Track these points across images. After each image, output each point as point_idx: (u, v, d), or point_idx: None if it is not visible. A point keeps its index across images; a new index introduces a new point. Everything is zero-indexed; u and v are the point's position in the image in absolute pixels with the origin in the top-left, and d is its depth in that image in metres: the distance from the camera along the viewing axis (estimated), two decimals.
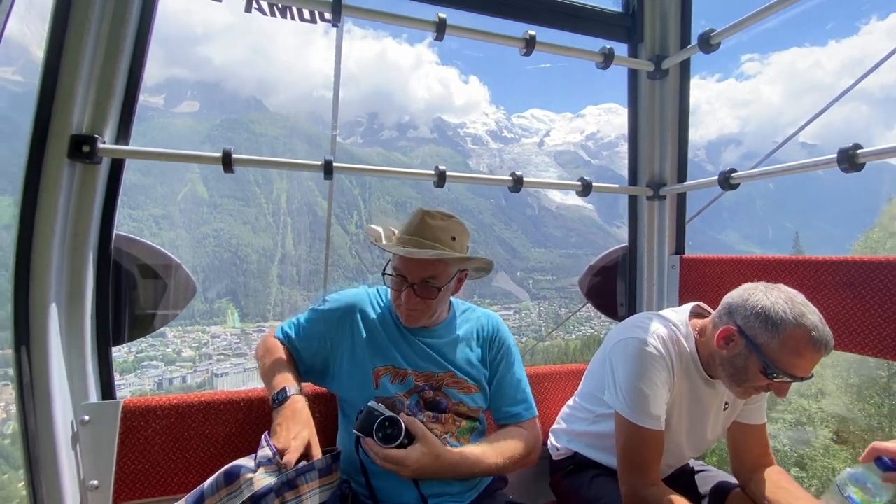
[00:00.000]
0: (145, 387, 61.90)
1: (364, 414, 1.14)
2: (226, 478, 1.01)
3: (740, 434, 1.42)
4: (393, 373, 1.28)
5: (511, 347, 1.44)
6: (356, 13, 1.49)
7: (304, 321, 1.36)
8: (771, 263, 1.56)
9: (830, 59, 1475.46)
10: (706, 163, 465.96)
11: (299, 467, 1.04)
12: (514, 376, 1.41)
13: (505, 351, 1.42)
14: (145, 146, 1.55)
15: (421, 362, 1.31)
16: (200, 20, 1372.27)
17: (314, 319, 1.35)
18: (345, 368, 1.30)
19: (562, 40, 1.71)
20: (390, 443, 1.10)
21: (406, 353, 1.31)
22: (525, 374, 1.45)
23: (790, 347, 1.07)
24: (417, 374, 1.29)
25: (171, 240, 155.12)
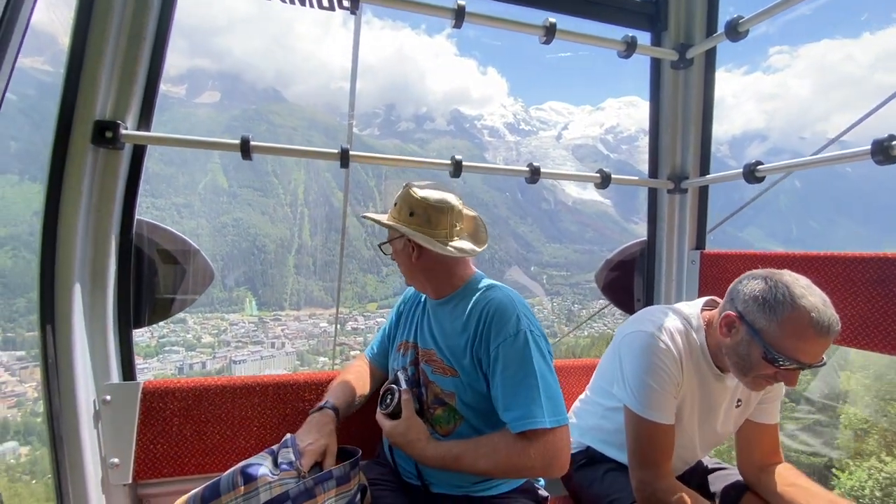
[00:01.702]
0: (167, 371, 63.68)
1: (392, 380, 1.32)
2: (244, 477, 1.01)
3: (752, 432, 1.39)
4: (404, 346, 1.41)
5: (509, 343, 1.15)
6: (375, 0, 1.48)
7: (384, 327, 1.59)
8: (796, 259, 1.51)
9: (864, 52, 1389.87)
10: (729, 158, 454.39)
11: (318, 475, 1.06)
12: (508, 378, 1.14)
13: (501, 346, 1.16)
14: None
15: (422, 336, 1.37)
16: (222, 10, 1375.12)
17: (388, 323, 1.55)
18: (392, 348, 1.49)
19: (583, 29, 1.67)
20: (384, 409, 1.27)
21: (419, 328, 1.39)
22: (535, 377, 1.12)
23: (789, 331, 1.03)
24: (417, 347, 1.37)
25: (192, 228, 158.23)
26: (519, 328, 1.15)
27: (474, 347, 1.20)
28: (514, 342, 1.14)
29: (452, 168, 1.60)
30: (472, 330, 1.21)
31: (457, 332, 1.25)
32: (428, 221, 1.25)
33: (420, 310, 1.43)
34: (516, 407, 1.11)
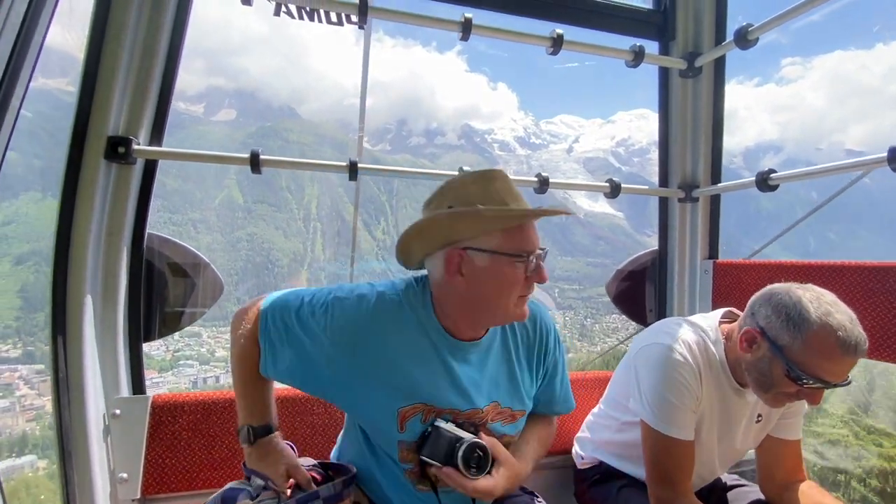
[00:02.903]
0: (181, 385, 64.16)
1: (435, 438, 0.95)
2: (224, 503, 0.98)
3: (773, 448, 1.34)
4: (424, 411, 0.98)
5: (559, 341, 1.17)
6: (382, 14, 1.50)
7: (288, 325, 0.97)
8: (813, 268, 1.46)
9: (878, 62, 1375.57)
10: (743, 169, 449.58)
11: (301, 497, 0.96)
12: (564, 376, 1.20)
13: (556, 349, 1.15)
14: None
15: (459, 397, 1.00)
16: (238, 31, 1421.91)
17: (317, 328, 0.96)
18: (359, 402, 0.99)
19: (590, 39, 1.68)
20: (480, 472, 0.94)
21: (440, 384, 0.99)
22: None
23: (815, 349, 0.99)
24: (457, 412, 1.00)
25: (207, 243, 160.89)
26: (554, 324, 1.18)
27: (537, 369, 1.13)
28: (559, 339, 1.19)
29: None
30: (535, 348, 1.11)
31: (514, 364, 1.08)
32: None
33: (431, 354, 0.99)
34: (567, 396, 1.25)
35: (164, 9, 1.37)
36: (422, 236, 0.94)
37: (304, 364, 0.96)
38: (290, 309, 0.99)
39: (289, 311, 0.98)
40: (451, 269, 0.92)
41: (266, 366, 0.99)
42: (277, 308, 0.99)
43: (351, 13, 1.50)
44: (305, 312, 0.98)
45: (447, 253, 0.92)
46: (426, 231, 0.93)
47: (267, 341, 0.98)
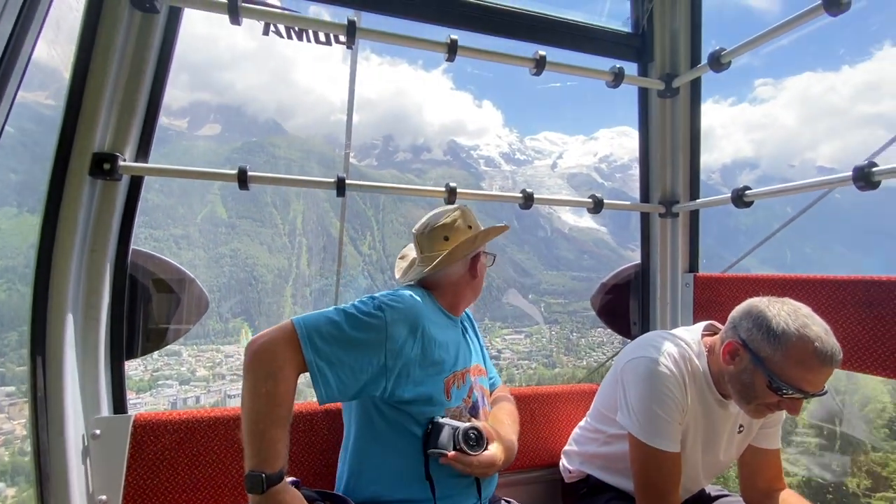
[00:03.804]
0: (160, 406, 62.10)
1: (436, 431, 1.13)
2: None
3: (754, 458, 1.38)
4: (457, 377, 1.24)
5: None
6: (370, 35, 1.54)
7: (343, 333, 1.05)
8: (788, 282, 1.52)
9: (845, 83, 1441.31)
10: (721, 185, 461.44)
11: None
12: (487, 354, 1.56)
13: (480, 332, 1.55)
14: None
15: (466, 358, 1.31)
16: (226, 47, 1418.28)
17: (363, 331, 1.07)
18: (416, 384, 1.13)
19: (571, 60, 1.74)
20: (480, 448, 1.12)
21: (461, 351, 1.30)
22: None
23: (794, 359, 1.03)
24: (468, 369, 1.30)
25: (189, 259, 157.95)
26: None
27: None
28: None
29: (447, 195, 1.62)
30: (478, 330, 1.52)
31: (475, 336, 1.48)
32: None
33: (451, 329, 1.31)
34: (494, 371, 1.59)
35: (152, 27, 1.38)
36: (454, 255, 1.25)
37: (368, 367, 1.06)
38: (336, 322, 1.05)
39: (337, 324, 1.04)
40: (473, 271, 1.34)
41: (327, 388, 1.02)
42: (319, 326, 1.03)
43: (339, 33, 1.54)
44: (356, 319, 1.06)
45: (471, 259, 1.33)
46: (458, 251, 1.26)
47: (321, 361, 1.01)
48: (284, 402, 0.98)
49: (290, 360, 1.00)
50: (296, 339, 1.01)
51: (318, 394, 1.03)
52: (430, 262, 1.27)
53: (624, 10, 1.99)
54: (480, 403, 1.30)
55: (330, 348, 1.02)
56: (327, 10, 1.95)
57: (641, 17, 1.93)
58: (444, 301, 1.32)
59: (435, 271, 1.27)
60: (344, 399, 1.08)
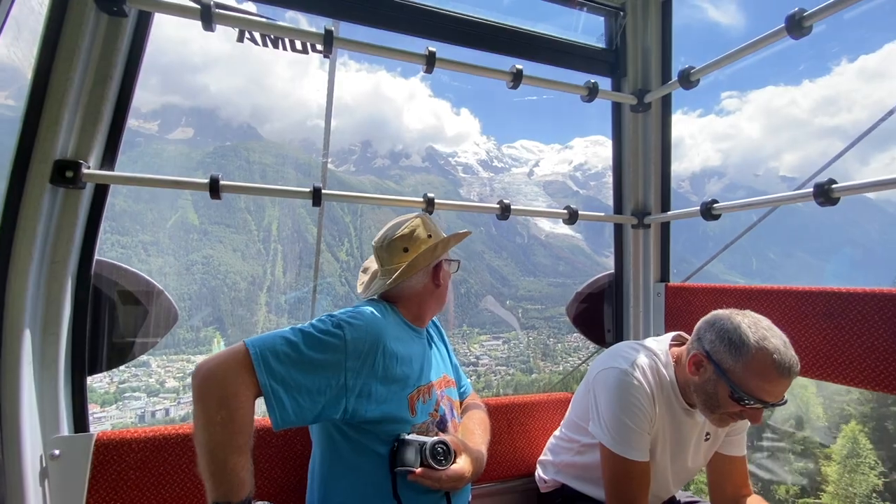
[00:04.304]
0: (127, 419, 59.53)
1: (402, 449, 1.10)
2: None
3: (721, 465, 1.41)
4: (422, 392, 1.19)
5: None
6: (348, 45, 1.53)
7: (300, 353, 1.00)
8: (754, 293, 1.57)
9: (805, 97, 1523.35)
10: (691, 194, 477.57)
11: None
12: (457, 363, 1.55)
13: (448, 340, 1.53)
14: (135, 172, 1.55)
15: (433, 371, 1.28)
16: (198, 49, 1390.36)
17: (321, 351, 1.02)
18: (379, 403, 1.09)
19: (548, 74, 1.77)
20: (447, 462, 1.10)
21: (424, 365, 1.25)
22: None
23: (754, 371, 1.06)
24: (435, 382, 1.27)
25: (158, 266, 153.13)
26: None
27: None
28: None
29: (426, 205, 1.62)
30: (446, 339, 1.51)
31: (443, 346, 1.46)
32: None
33: (416, 342, 1.27)
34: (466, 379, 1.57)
35: (120, 31, 1.34)
36: (414, 267, 1.23)
37: (327, 388, 1.01)
38: (293, 342, 0.99)
39: (293, 345, 0.99)
40: (436, 280, 1.31)
41: (282, 413, 0.96)
42: (274, 347, 0.98)
43: (316, 42, 1.52)
44: (314, 338, 1.01)
45: (433, 269, 1.30)
46: (418, 262, 1.23)
47: (276, 383, 0.95)
48: (243, 429, 0.92)
49: (244, 385, 0.93)
50: (248, 362, 0.94)
51: (273, 419, 0.96)
52: (391, 274, 1.24)
53: (598, 25, 2.05)
54: (449, 416, 1.27)
55: (286, 370, 0.96)
56: (304, 18, 1.94)
57: (615, 33, 1.98)
58: (408, 313, 1.28)
59: (396, 284, 1.24)
60: (301, 424, 1.00)
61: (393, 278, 1.22)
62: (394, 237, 1.28)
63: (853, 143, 1.99)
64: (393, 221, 1.34)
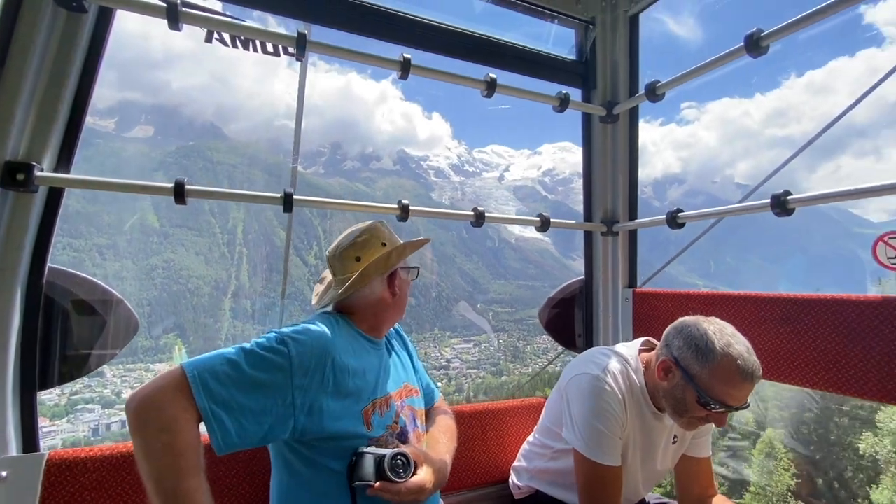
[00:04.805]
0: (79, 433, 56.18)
1: (360, 462, 1.05)
2: None
3: (688, 467, 1.46)
4: (378, 405, 1.16)
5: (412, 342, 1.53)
6: (321, 49, 1.51)
7: (242, 373, 0.95)
8: (716, 298, 1.64)
9: (758, 109, 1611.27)
10: (653, 199, 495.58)
11: None
12: (423, 369, 1.51)
13: (413, 347, 1.50)
14: (91, 172, 1.47)
15: (392, 383, 1.24)
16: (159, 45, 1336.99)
17: (265, 370, 0.98)
18: (332, 419, 1.06)
19: (520, 83, 1.80)
20: (407, 474, 1.05)
21: (380, 377, 1.21)
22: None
23: (719, 377, 1.11)
24: (394, 393, 1.23)
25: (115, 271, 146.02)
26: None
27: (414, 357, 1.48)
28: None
29: (400, 212, 1.61)
30: (410, 346, 1.48)
31: (406, 353, 1.43)
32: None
33: (373, 355, 1.24)
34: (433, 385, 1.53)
35: (80, 27, 1.27)
36: (366, 277, 1.19)
37: (273, 408, 0.96)
38: (234, 362, 0.95)
39: (235, 364, 0.95)
40: (392, 289, 1.27)
41: (225, 436, 0.91)
42: (214, 368, 0.93)
43: (289, 45, 1.50)
44: (257, 357, 0.97)
45: (388, 277, 1.26)
46: (370, 271, 1.19)
47: (217, 406, 0.91)
48: (188, 452, 0.87)
49: (182, 409, 0.88)
50: (186, 385, 0.89)
51: (215, 443, 0.90)
52: (343, 284, 1.20)
53: (568, 37, 2.09)
54: (411, 427, 1.23)
55: (227, 391, 0.92)
56: (273, 19, 1.90)
57: (585, 46, 2.04)
58: (364, 324, 1.24)
59: (348, 294, 1.20)
60: (247, 446, 0.95)
61: (344, 288, 1.18)
62: (346, 246, 1.25)
63: (796, 153, 2.11)
64: (348, 230, 1.31)
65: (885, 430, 12.96)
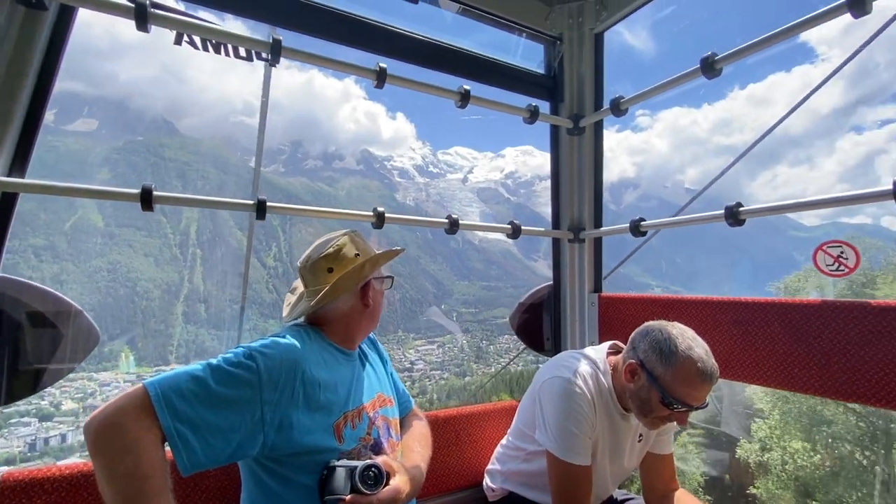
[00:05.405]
0: (13, 449, 51.84)
1: (331, 476, 1.04)
2: None
3: (652, 463, 1.55)
4: (350, 418, 1.15)
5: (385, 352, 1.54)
6: (297, 56, 1.49)
7: (209, 390, 0.93)
8: (676, 302, 1.75)
9: (705, 118, 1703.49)
10: (610, 203, 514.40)
11: None
12: (398, 378, 1.52)
13: (386, 355, 1.51)
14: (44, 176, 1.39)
15: (364, 394, 1.23)
16: (104, 33, 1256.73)
17: (233, 386, 0.95)
18: (302, 434, 1.04)
19: (491, 94, 1.84)
20: (379, 486, 1.04)
21: (352, 389, 1.20)
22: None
23: (681, 378, 1.19)
24: (367, 404, 1.22)
25: (53, 274, 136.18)
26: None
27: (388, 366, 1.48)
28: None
29: (375, 219, 1.62)
30: (384, 355, 1.48)
31: (380, 362, 1.43)
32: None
33: (345, 367, 1.23)
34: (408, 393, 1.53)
35: (39, 25, 1.21)
36: (338, 288, 1.18)
37: (241, 425, 0.94)
38: (200, 379, 0.92)
39: (201, 381, 0.92)
40: (365, 300, 1.25)
41: (191, 456, 0.88)
42: (179, 385, 0.90)
43: (262, 50, 1.47)
44: (224, 373, 0.94)
45: (361, 288, 1.24)
46: (343, 283, 1.18)
47: (182, 425, 0.88)
48: (154, 472, 0.84)
49: (145, 430, 0.85)
50: (149, 404, 0.86)
51: (180, 464, 0.88)
52: (315, 296, 1.18)
53: (537, 51, 2.17)
54: (385, 437, 1.23)
55: (192, 409, 0.89)
56: (241, 22, 1.85)
57: (553, 60, 2.11)
58: (336, 336, 1.23)
59: (320, 306, 1.18)
60: (214, 465, 0.92)
61: (316, 300, 1.16)
62: (318, 257, 1.22)
63: (734, 162, 2.30)
64: (320, 240, 1.28)
65: (756, 438, 13.87)
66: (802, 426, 13.10)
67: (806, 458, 12.42)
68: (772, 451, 13.23)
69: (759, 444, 13.65)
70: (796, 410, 13.12)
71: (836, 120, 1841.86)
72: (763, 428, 13.75)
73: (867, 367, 1.26)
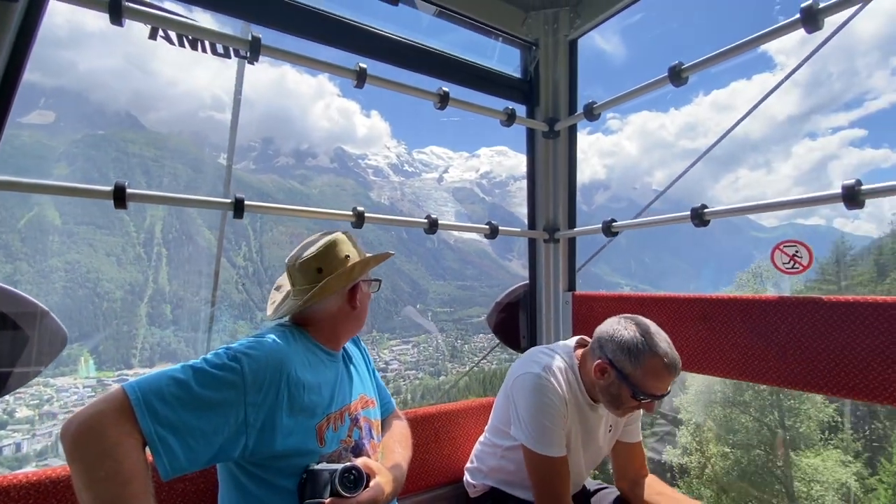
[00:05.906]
0: None
1: (311, 480, 1.04)
2: None
3: (623, 451, 1.63)
4: (332, 419, 1.14)
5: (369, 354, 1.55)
6: (276, 54, 1.48)
7: (191, 393, 0.91)
8: (646, 300, 1.82)
9: (672, 122, 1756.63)
10: (581, 203, 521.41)
11: None
12: (381, 380, 1.52)
13: (369, 357, 1.52)
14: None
15: (347, 395, 1.22)
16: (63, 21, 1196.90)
17: (216, 389, 0.93)
18: (284, 436, 1.03)
19: (468, 96, 1.88)
20: (359, 488, 1.04)
21: (335, 390, 1.18)
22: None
23: (650, 374, 1.27)
24: (350, 406, 1.22)
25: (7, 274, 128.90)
26: None
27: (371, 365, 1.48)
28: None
29: (355, 219, 1.62)
30: (367, 355, 1.47)
31: (363, 363, 1.43)
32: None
33: (328, 367, 1.21)
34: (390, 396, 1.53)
35: (7, 17, 1.16)
36: (327, 289, 1.17)
37: (224, 427, 0.93)
38: (182, 381, 0.91)
39: (183, 384, 0.91)
40: (352, 302, 1.25)
41: (172, 460, 0.87)
42: (160, 388, 0.89)
43: (241, 47, 1.46)
44: (207, 375, 0.93)
45: (349, 289, 1.24)
46: (332, 284, 1.17)
47: (163, 429, 0.86)
48: (135, 477, 0.82)
49: (125, 434, 0.83)
50: (128, 408, 0.85)
51: (161, 468, 0.86)
52: (303, 296, 1.18)
53: (513, 55, 2.21)
54: (366, 439, 1.23)
55: (174, 413, 0.87)
56: (215, 18, 1.83)
57: (529, 65, 2.16)
58: (321, 337, 1.22)
59: (307, 306, 1.18)
60: (194, 469, 0.91)
61: (303, 301, 1.16)
62: (308, 257, 1.21)
63: (693, 163, 2.39)
64: (309, 239, 1.28)
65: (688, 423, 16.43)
66: (715, 434, 15.71)
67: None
68: (692, 454, 15.78)
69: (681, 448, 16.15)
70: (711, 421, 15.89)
71: (793, 126, 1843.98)
72: (685, 434, 16.19)
73: (820, 357, 1.35)
